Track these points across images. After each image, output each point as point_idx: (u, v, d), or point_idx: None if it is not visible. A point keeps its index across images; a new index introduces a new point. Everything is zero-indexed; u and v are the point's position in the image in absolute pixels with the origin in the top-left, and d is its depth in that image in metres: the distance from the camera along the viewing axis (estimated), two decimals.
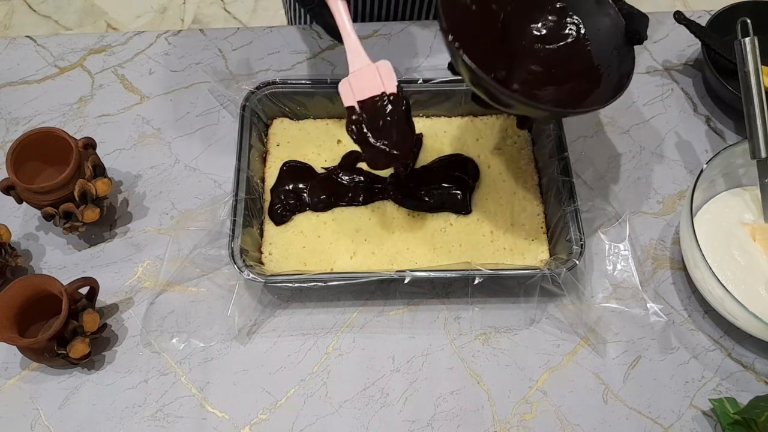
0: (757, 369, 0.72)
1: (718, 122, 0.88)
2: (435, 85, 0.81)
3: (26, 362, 0.72)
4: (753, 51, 0.75)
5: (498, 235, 0.77)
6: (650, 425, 0.69)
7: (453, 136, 0.84)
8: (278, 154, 0.82)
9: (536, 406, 0.70)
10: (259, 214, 0.78)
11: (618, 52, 0.68)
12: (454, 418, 0.69)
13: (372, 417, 0.69)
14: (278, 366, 0.72)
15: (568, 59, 0.72)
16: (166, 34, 0.94)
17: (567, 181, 0.75)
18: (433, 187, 0.80)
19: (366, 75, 0.69)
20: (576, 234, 0.72)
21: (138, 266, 0.77)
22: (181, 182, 0.82)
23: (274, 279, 0.70)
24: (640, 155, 0.85)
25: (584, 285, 0.73)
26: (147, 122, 0.87)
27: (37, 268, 0.77)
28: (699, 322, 0.74)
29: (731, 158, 0.76)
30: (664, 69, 0.92)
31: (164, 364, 0.71)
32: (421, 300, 0.75)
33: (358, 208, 0.79)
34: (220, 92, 0.87)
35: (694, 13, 0.92)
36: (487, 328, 0.74)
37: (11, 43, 0.93)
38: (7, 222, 0.76)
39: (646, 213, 0.81)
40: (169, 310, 0.74)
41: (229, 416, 0.69)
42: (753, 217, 0.78)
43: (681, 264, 0.77)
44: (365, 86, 0.69)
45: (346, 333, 0.73)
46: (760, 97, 0.75)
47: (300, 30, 0.94)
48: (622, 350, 0.72)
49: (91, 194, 0.74)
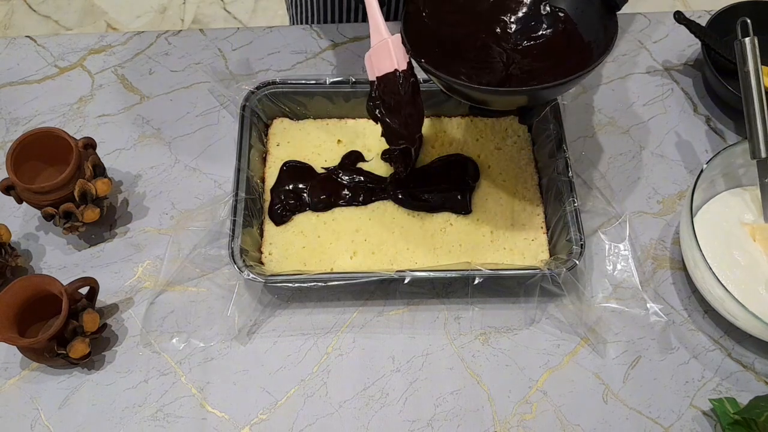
0: (757, 369, 0.72)
1: (718, 122, 0.88)
2: (435, 85, 0.81)
3: (26, 362, 0.72)
4: (753, 51, 0.75)
5: (498, 235, 0.77)
6: (650, 425, 0.69)
7: (453, 136, 0.84)
8: (278, 154, 0.82)
9: (536, 406, 0.70)
10: (259, 214, 0.78)
11: (602, 22, 0.69)
12: (454, 418, 0.69)
13: (372, 417, 0.69)
14: (278, 366, 0.72)
15: (562, 46, 0.72)
16: (166, 34, 0.94)
17: (567, 181, 0.75)
18: (433, 187, 0.80)
19: (382, 50, 0.70)
20: (576, 234, 0.72)
21: (138, 266, 0.77)
22: (181, 182, 0.82)
23: (274, 279, 0.70)
24: (640, 155, 0.85)
25: (584, 285, 0.73)
26: (147, 122, 0.87)
27: (37, 268, 0.77)
28: (699, 322, 0.74)
29: (731, 158, 0.76)
30: (664, 69, 0.92)
31: (164, 364, 0.71)
32: (421, 300, 0.75)
33: (358, 208, 0.79)
34: (220, 92, 0.87)
35: (694, 13, 0.92)
36: (487, 328, 0.74)
37: (11, 43, 0.93)
38: (7, 222, 0.76)
39: (646, 213, 0.81)
40: (169, 310, 0.74)
41: (229, 416, 0.69)
42: (753, 217, 0.78)
43: (681, 264, 0.77)
44: (381, 62, 0.70)
45: (346, 333, 0.73)
46: (760, 97, 0.75)
47: (300, 30, 0.94)
48: (622, 350, 0.72)
49: (91, 194, 0.74)
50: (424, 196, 0.79)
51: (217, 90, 0.88)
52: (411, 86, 0.69)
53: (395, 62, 0.69)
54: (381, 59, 0.69)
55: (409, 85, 0.69)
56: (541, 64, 0.72)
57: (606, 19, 0.68)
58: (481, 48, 0.74)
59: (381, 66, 0.69)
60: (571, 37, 0.72)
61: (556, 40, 0.73)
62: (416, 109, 0.70)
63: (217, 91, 0.88)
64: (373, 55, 0.70)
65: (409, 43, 0.68)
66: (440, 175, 0.81)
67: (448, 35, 0.74)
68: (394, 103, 0.70)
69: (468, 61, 0.73)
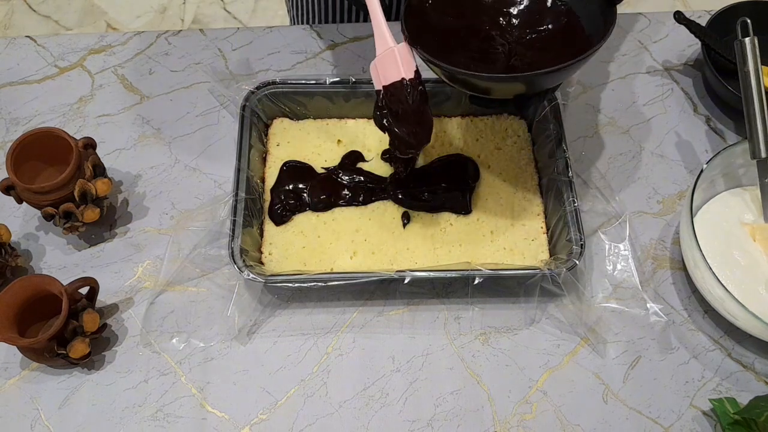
0: (757, 369, 0.72)
1: (718, 122, 0.88)
2: (435, 85, 0.81)
3: (26, 362, 0.72)
4: (753, 51, 0.75)
5: (498, 235, 0.77)
6: (650, 425, 0.69)
7: (453, 136, 0.84)
8: (278, 154, 0.82)
9: (536, 406, 0.70)
10: (259, 214, 0.78)
11: (603, 16, 0.69)
12: (454, 418, 0.69)
13: (372, 417, 0.69)
14: (278, 366, 0.72)
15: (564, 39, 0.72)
16: (166, 34, 0.94)
17: (567, 181, 0.75)
18: (433, 187, 0.80)
19: (389, 59, 0.69)
20: (576, 234, 0.72)
21: (138, 266, 0.77)
22: (181, 182, 0.82)
23: (274, 279, 0.70)
24: (640, 155, 0.85)
25: (584, 285, 0.73)
26: (147, 122, 0.87)
27: (37, 268, 0.77)
28: (699, 322, 0.74)
29: (731, 158, 0.76)
30: (664, 69, 0.92)
31: (164, 364, 0.71)
32: (421, 300, 0.75)
33: (358, 208, 0.79)
34: (220, 92, 0.87)
35: (694, 13, 0.92)
36: (487, 328, 0.74)
37: (11, 43, 0.93)
38: (7, 222, 0.76)
39: (646, 213, 0.81)
40: (169, 310, 0.74)
41: (229, 416, 0.69)
42: (753, 217, 0.78)
43: (681, 264, 0.77)
44: (388, 71, 0.69)
45: (346, 333, 0.73)
46: (760, 97, 0.75)
47: (300, 30, 0.94)
48: (622, 350, 0.72)
49: (91, 194, 0.74)
50: (424, 196, 0.79)
51: (217, 90, 0.88)
52: (419, 95, 0.68)
53: (402, 71, 0.68)
54: (387, 68, 0.69)
55: (417, 94, 0.68)
56: (542, 56, 0.71)
57: (607, 13, 0.68)
58: (484, 39, 0.74)
59: (387, 75, 0.69)
60: (573, 31, 0.72)
61: (559, 33, 0.73)
62: (425, 118, 0.69)
63: (217, 91, 0.88)
64: (379, 64, 0.69)
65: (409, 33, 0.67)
66: (440, 175, 0.81)
67: (451, 26, 0.73)
68: (401, 113, 0.69)
69: (469, 52, 0.72)
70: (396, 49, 0.68)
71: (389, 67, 0.68)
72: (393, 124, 0.70)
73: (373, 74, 0.70)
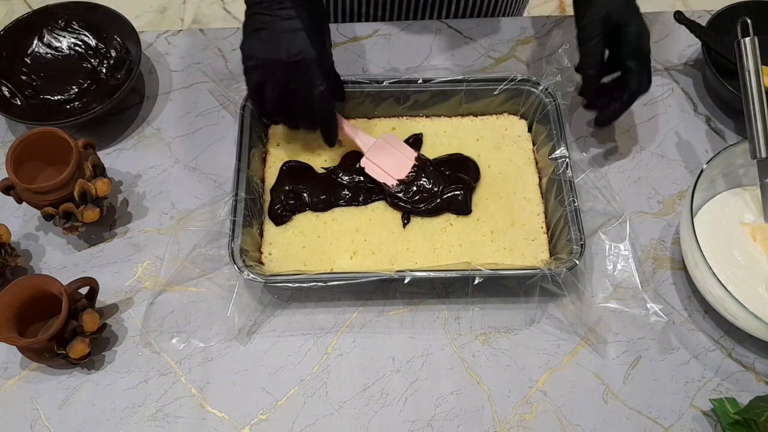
0: (757, 369, 0.72)
1: (718, 122, 0.88)
2: (435, 85, 0.81)
3: (26, 362, 0.71)
4: (753, 51, 0.75)
5: (498, 235, 0.77)
6: (650, 425, 0.69)
7: (453, 136, 0.84)
8: (278, 154, 0.82)
9: (536, 406, 0.70)
10: (259, 214, 0.78)
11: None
12: (454, 418, 0.69)
13: (372, 417, 0.69)
14: (278, 366, 0.72)
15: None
16: (166, 34, 0.94)
17: (567, 181, 0.75)
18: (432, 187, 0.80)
19: (384, 152, 0.79)
20: (576, 234, 0.72)
21: (138, 266, 0.77)
22: (181, 182, 0.82)
23: (274, 279, 0.70)
24: (640, 155, 0.85)
25: (584, 285, 0.73)
26: (147, 122, 0.87)
27: (37, 268, 0.77)
28: (699, 322, 0.74)
29: (731, 158, 0.76)
30: (664, 69, 0.92)
31: (164, 364, 0.71)
32: (421, 300, 0.75)
33: (358, 208, 0.79)
34: (220, 92, 0.87)
35: (694, 13, 0.92)
36: (487, 328, 0.74)
37: None
38: (7, 222, 0.76)
39: (646, 213, 0.81)
40: (169, 310, 0.74)
41: (229, 416, 0.69)
42: (753, 217, 0.78)
43: (681, 264, 0.77)
44: (392, 164, 0.79)
45: (346, 333, 0.73)
46: (760, 97, 0.75)
47: None
48: (622, 350, 0.72)
49: (91, 194, 0.74)
50: (420, 207, 0.79)
51: (217, 90, 0.87)
52: (431, 167, 0.79)
53: (405, 157, 0.79)
54: (389, 161, 0.79)
55: (430, 168, 0.79)
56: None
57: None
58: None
59: (397, 169, 0.79)
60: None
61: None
62: (446, 173, 0.80)
63: (217, 91, 0.88)
64: (376, 160, 0.79)
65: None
66: (440, 175, 0.81)
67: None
68: (431, 184, 0.79)
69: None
70: (384, 141, 0.79)
71: (391, 158, 0.79)
72: (426, 199, 0.79)
73: (371, 171, 0.79)
